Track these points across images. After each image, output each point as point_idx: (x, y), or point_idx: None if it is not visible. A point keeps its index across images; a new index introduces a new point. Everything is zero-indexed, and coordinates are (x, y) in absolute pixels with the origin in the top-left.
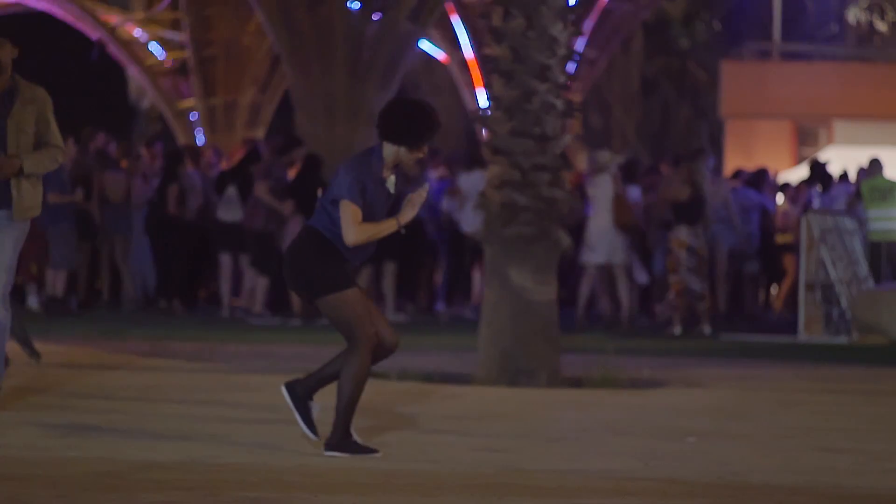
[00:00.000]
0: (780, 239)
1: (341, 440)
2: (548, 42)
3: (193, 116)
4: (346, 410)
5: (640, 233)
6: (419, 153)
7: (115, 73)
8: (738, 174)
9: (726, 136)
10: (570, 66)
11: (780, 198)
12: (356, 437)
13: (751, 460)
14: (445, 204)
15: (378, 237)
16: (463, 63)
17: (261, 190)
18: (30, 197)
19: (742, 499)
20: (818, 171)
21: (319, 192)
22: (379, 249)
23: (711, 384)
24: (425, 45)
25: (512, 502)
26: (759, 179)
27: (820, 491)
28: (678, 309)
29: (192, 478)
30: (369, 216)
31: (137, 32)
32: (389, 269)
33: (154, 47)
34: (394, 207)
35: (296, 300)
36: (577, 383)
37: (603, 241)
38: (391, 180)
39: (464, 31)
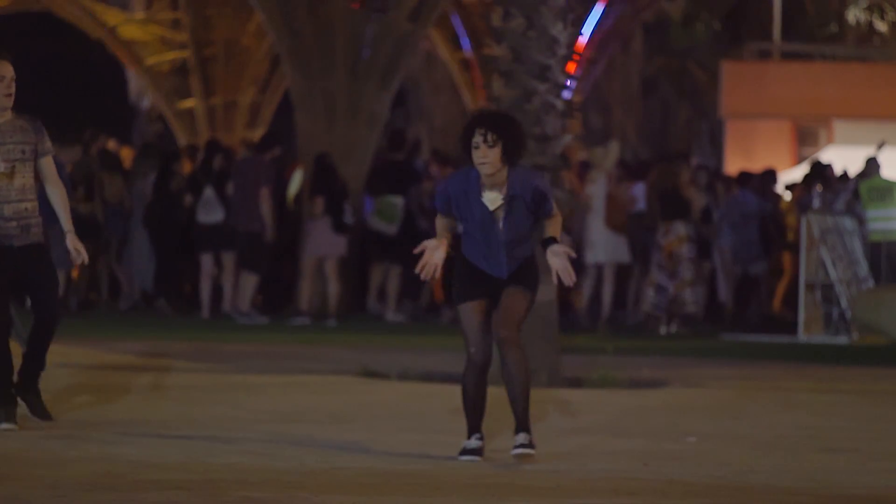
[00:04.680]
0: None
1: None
2: (548, 42)
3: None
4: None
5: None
6: (476, 157)
7: (115, 73)
8: (742, 177)
9: (726, 136)
10: (571, 66)
11: (787, 195)
12: (470, 442)
13: (751, 460)
14: None
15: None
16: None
17: (264, 198)
18: None
19: (742, 499)
20: (818, 172)
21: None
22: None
23: (711, 384)
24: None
25: (512, 502)
26: (767, 181)
27: (820, 491)
28: (671, 309)
29: (192, 478)
30: (472, 229)
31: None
32: (395, 272)
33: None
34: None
35: (304, 299)
36: (577, 383)
37: (600, 241)
38: (489, 196)
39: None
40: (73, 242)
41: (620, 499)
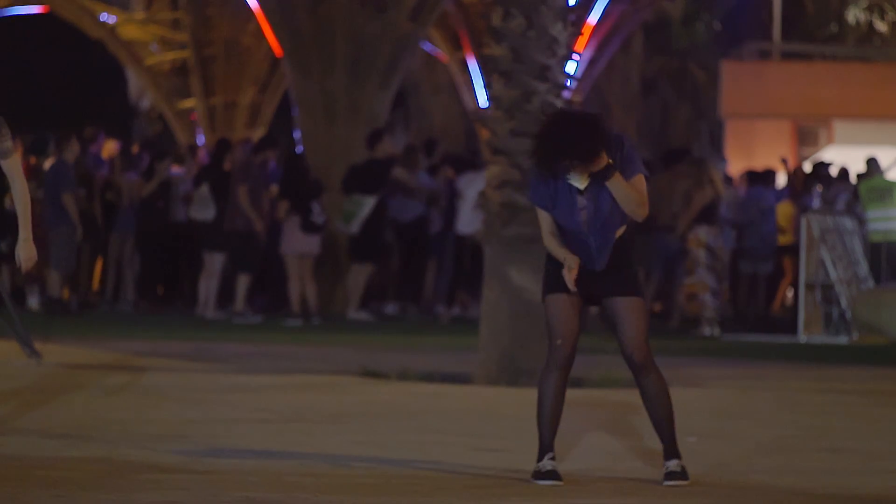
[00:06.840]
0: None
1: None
2: (548, 42)
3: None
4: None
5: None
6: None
7: (115, 73)
8: (749, 175)
9: (726, 136)
10: (571, 66)
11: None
12: (545, 463)
13: (751, 460)
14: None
15: (554, 255)
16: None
17: (241, 194)
18: None
19: (742, 499)
20: (819, 172)
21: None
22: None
23: (711, 384)
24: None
25: (512, 502)
26: (768, 179)
27: (820, 491)
28: (700, 310)
29: (192, 478)
30: (559, 214)
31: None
32: (360, 271)
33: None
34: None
35: (294, 299)
36: (577, 383)
37: None
38: (576, 175)
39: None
40: (25, 251)
41: (620, 499)
